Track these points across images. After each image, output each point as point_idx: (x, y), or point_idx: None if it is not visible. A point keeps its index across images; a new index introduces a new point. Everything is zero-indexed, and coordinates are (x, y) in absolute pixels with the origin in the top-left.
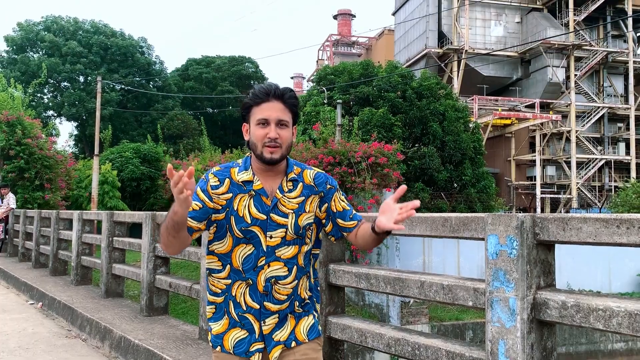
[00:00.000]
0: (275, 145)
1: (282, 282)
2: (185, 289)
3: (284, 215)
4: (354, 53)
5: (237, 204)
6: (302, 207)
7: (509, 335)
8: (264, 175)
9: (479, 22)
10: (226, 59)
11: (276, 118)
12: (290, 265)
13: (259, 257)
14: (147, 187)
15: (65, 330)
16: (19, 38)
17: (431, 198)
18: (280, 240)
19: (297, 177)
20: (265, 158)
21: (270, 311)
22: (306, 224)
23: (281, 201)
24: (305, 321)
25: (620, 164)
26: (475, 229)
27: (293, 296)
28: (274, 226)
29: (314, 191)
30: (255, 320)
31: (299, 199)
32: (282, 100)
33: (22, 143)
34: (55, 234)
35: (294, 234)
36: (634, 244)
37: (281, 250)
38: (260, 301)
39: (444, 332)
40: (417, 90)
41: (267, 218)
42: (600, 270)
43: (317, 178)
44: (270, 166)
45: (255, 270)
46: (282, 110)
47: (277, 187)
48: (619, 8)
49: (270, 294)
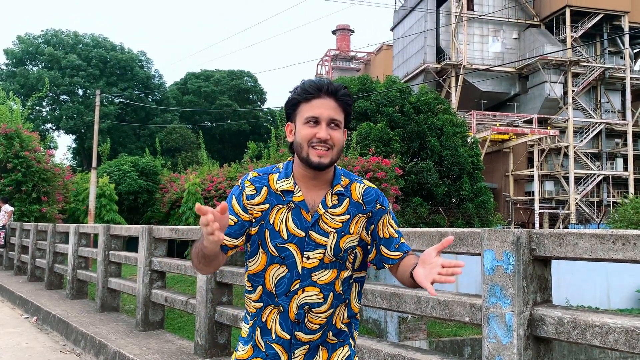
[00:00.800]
0: (325, 147)
1: (316, 311)
2: (181, 303)
3: (325, 234)
4: (353, 68)
5: (273, 216)
6: (346, 227)
7: (506, 351)
8: (307, 184)
9: (476, 38)
10: (225, 73)
11: (328, 117)
12: (326, 291)
13: (292, 281)
14: (144, 200)
15: (59, 344)
16: (18, 51)
17: (429, 213)
18: (318, 262)
19: (344, 191)
20: (312, 162)
21: (301, 342)
22: (348, 247)
23: (323, 218)
24: (340, 353)
25: (618, 180)
26: (471, 244)
27: (327, 326)
28: (312, 246)
29: (362, 210)
30: (283, 352)
31: (344, 217)
32: (336, 97)
33: (19, 156)
34: (52, 247)
35: (333, 256)
36: (630, 259)
37: (318, 274)
38: (291, 331)
39: (442, 348)
40: (415, 105)
41: (306, 235)
42: (599, 286)
43: (367, 195)
44: (316, 172)
45: (287, 296)
46: (334, 109)
47: (320, 201)
48: (615, 25)
49: (303, 322)
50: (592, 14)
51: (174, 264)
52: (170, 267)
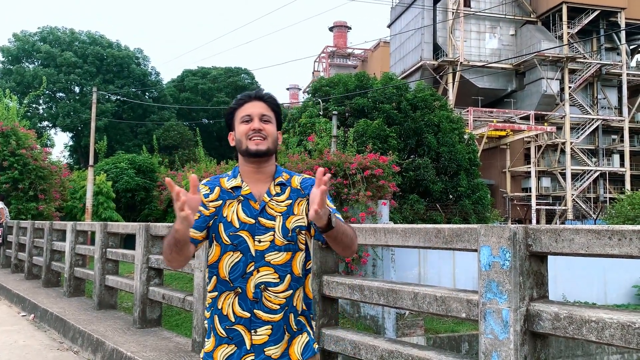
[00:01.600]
0: (260, 136)
1: (273, 290)
2: (179, 300)
3: (272, 218)
4: (350, 65)
5: (226, 209)
6: (290, 210)
7: (502, 347)
8: (252, 179)
9: (473, 34)
10: (222, 70)
11: (259, 113)
12: (282, 272)
13: (247, 263)
14: (142, 198)
15: (57, 342)
16: (14, 49)
17: (426, 209)
18: (269, 244)
19: (285, 182)
20: (251, 150)
21: (262, 320)
22: (295, 227)
23: (269, 204)
24: (299, 340)
25: (615, 176)
26: (468, 240)
27: (287, 307)
28: (262, 230)
29: (301, 194)
30: (245, 331)
31: (287, 202)
32: (263, 100)
33: (16, 154)
34: (49, 245)
35: (283, 237)
36: (626, 255)
37: (271, 255)
38: (250, 309)
39: (439, 345)
40: (412, 102)
41: (256, 222)
42: (596, 281)
43: (304, 182)
44: (257, 161)
45: (244, 278)
46: (264, 108)
47: (265, 192)
48: (612, 21)
49: (261, 301)
50: (589, 10)
51: None
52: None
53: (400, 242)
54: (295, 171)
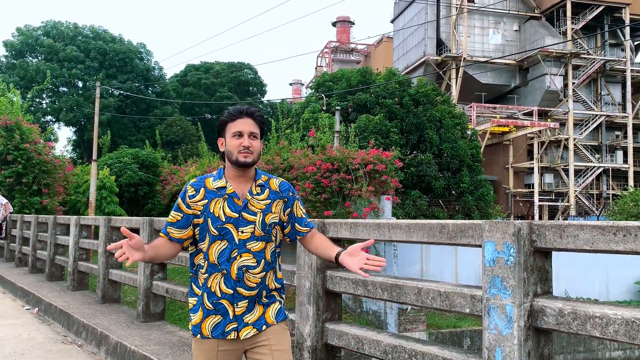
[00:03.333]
0: (248, 152)
1: (252, 272)
2: (182, 294)
3: (253, 214)
4: (353, 60)
5: (212, 206)
6: (268, 208)
7: (506, 342)
8: (236, 181)
9: (477, 30)
10: (225, 65)
11: (249, 131)
12: (258, 257)
13: (232, 250)
14: (145, 192)
15: (61, 336)
16: (18, 43)
17: (428, 206)
18: (250, 235)
19: (264, 184)
20: (239, 161)
21: (242, 296)
22: (272, 222)
23: (251, 202)
24: (272, 307)
25: (618, 172)
26: (472, 235)
27: (261, 285)
28: (244, 223)
29: (279, 196)
30: (229, 305)
31: (266, 201)
32: (253, 117)
33: (20, 148)
34: (52, 239)
35: (262, 230)
36: (631, 251)
37: (251, 243)
38: (233, 287)
39: (441, 340)
40: (414, 97)
41: (239, 216)
42: (599, 278)
43: (282, 185)
44: (242, 170)
45: (229, 261)
46: (253, 125)
47: (247, 191)
48: (616, 17)
49: (242, 281)
50: (593, 5)
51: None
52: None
53: (404, 238)
54: (299, 166)
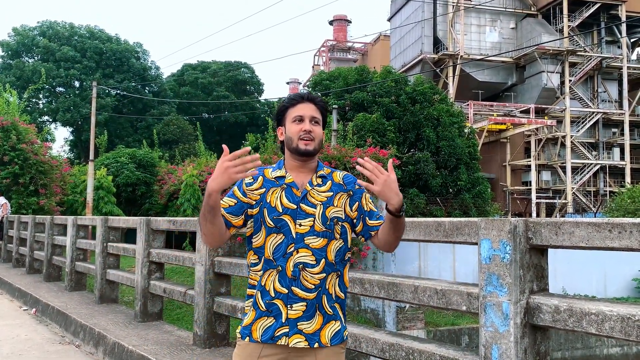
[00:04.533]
0: (309, 138)
1: (310, 270)
2: (180, 294)
3: (313, 206)
4: (350, 58)
5: (269, 196)
6: (330, 201)
7: (503, 339)
8: (296, 172)
9: (474, 28)
10: (222, 64)
11: (310, 115)
12: (318, 255)
13: (288, 244)
14: (142, 192)
15: (59, 336)
16: (14, 43)
17: (426, 204)
18: (309, 228)
19: (327, 176)
20: (300, 149)
21: (298, 297)
22: (334, 217)
23: (310, 193)
24: (331, 326)
25: (615, 169)
26: (468, 233)
27: (321, 288)
28: (303, 215)
29: (343, 189)
30: (283, 306)
31: (328, 193)
32: (314, 103)
33: (16, 148)
34: (50, 239)
35: (322, 225)
36: (627, 248)
37: (310, 239)
38: (288, 286)
39: (439, 338)
40: (411, 96)
41: (297, 207)
42: (596, 275)
43: (346, 178)
44: (303, 159)
45: (284, 257)
46: (314, 110)
47: (308, 182)
48: (612, 14)
49: (298, 279)
50: (590, 3)
51: (172, 255)
52: (169, 259)
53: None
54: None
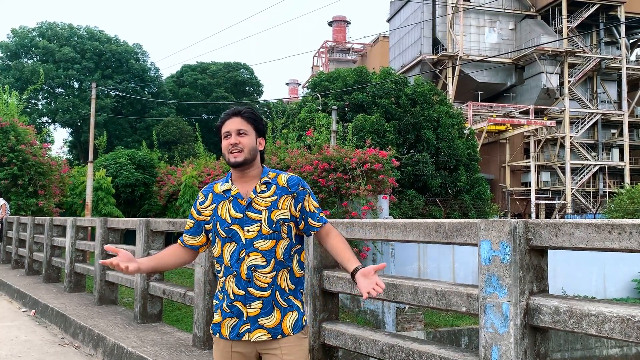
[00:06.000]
0: (237, 150)
1: (262, 271)
2: (179, 295)
3: (258, 212)
4: (349, 59)
5: (220, 209)
6: (274, 205)
7: (503, 341)
8: (240, 182)
9: (473, 29)
10: (221, 65)
11: (236, 129)
12: (268, 257)
13: (240, 250)
14: (141, 193)
15: (58, 337)
16: (13, 44)
17: (425, 204)
18: (256, 233)
19: (271, 181)
20: (231, 162)
21: (254, 296)
22: (279, 219)
23: (255, 200)
24: (290, 315)
25: (614, 170)
26: (468, 234)
27: (273, 285)
28: (249, 222)
29: (287, 192)
30: (242, 306)
31: (272, 197)
32: (240, 116)
33: (15, 149)
34: (49, 240)
35: (269, 228)
36: (626, 249)
37: (258, 242)
38: (244, 287)
39: (439, 339)
40: (410, 97)
41: (244, 216)
42: (595, 275)
43: (290, 181)
44: (241, 170)
45: (238, 262)
46: (240, 122)
47: (252, 190)
48: (612, 15)
49: (252, 281)
50: (589, 4)
51: None
52: None
53: (400, 237)
54: (295, 166)
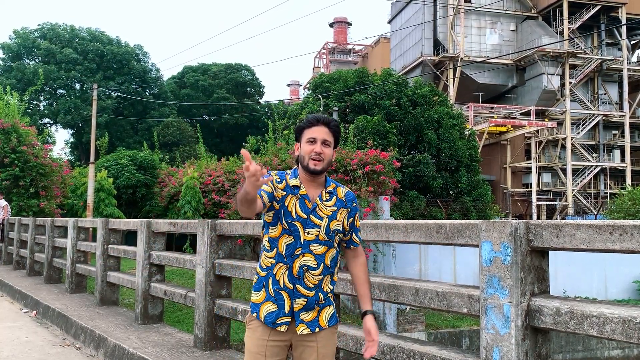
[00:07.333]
0: (319, 159)
1: (312, 272)
2: (181, 296)
3: (320, 218)
4: (350, 61)
5: (287, 201)
6: (334, 215)
7: (504, 342)
8: (307, 184)
9: (474, 30)
10: (222, 66)
11: (322, 138)
12: (319, 260)
13: (296, 247)
14: (143, 194)
15: (59, 338)
16: (15, 45)
17: (426, 206)
18: (314, 237)
19: (333, 191)
20: (309, 168)
21: (301, 294)
22: (335, 229)
23: (319, 206)
24: (327, 310)
25: (615, 171)
26: (469, 235)
27: (318, 287)
28: (311, 225)
29: (344, 205)
30: (287, 298)
31: (333, 208)
32: (328, 126)
33: (17, 151)
34: (50, 241)
35: (325, 235)
36: (628, 250)
37: (314, 246)
38: (293, 283)
39: (440, 340)
40: (411, 98)
41: (307, 218)
42: (597, 277)
43: (347, 195)
44: (313, 176)
45: (292, 257)
46: (327, 133)
47: (318, 196)
48: (613, 16)
49: (302, 279)
50: (590, 5)
51: (173, 257)
52: (169, 261)
53: (401, 238)
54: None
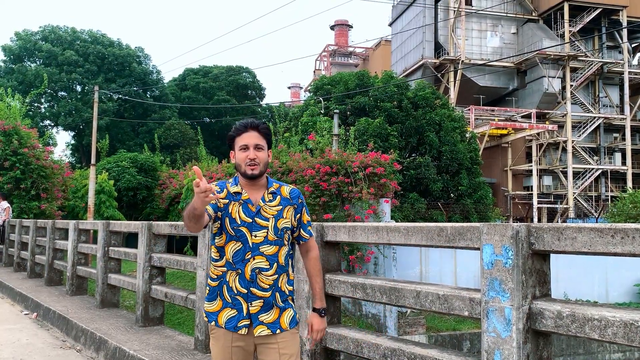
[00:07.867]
0: (254, 164)
1: (265, 274)
2: (181, 299)
3: (266, 219)
4: (351, 63)
5: (231, 208)
6: (280, 214)
7: (505, 345)
8: (249, 189)
9: (475, 32)
10: (223, 68)
11: (254, 143)
12: (271, 261)
13: (246, 252)
14: (143, 196)
15: (60, 340)
16: (16, 48)
17: (427, 208)
18: (263, 239)
19: (276, 191)
20: (248, 174)
21: (256, 296)
22: (284, 227)
23: (263, 208)
24: (287, 313)
25: (616, 174)
26: (470, 238)
27: (275, 287)
28: (257, 227)
29: (290, 203)
30: (244, 302)
31: (278, 207)
32: (257, 130)
33: (18, 153)
34: (51, 243)
35: (275, 235)
36: (629, 253)
37: (264, 247)
38: (247, 287)
39: (441, 343)
40: (412, 100)
41: (253, 221)
42: (598, 280)
43: (292, 193)
44: (252, 181)
45: (243, 262)
46: (258, 137)
47: (260, 198)
48: (614, 19)
49: (255, 282)
50: (591, 8)
51: (174, 259)
52: (170, 263)
53: (402, 241)
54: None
